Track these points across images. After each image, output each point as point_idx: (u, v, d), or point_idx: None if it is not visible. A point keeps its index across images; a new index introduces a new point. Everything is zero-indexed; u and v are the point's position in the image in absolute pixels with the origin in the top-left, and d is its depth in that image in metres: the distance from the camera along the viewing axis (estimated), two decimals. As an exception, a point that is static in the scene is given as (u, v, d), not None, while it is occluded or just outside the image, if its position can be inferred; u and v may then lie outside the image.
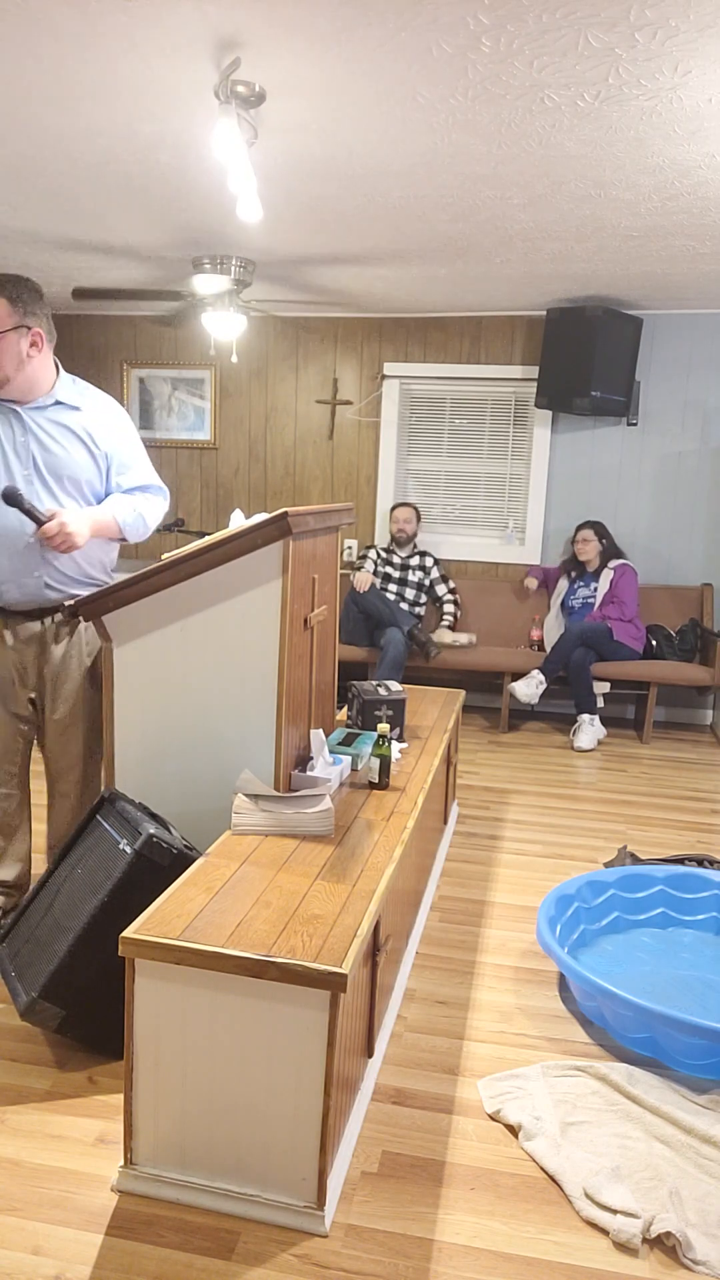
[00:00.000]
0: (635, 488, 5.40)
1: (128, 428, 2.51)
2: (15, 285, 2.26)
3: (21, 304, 2.26)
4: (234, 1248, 1.61)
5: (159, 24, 2.16)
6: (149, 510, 2.49)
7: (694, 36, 2.12)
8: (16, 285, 2.27)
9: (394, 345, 5.57)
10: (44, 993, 1.97)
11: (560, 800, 4.07)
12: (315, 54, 2.28)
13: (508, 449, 5.58)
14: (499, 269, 4.35)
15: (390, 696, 2.82)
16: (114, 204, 3.58)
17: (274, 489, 5.88)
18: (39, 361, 2.33)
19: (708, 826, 3.81)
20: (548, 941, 2.40)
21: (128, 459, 2.48)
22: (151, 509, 2.51)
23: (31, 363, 2.30)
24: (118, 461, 2.46)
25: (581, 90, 2.42)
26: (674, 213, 3.41)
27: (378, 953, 1.97)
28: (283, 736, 2.26)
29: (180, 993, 1.65)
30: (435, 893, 3.07)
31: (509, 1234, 1.68)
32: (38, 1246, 1.60)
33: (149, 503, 2.50)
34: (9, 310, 2.25)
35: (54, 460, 2.36)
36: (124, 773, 2.38)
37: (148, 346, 5.87)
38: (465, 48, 2.21)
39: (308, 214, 3.61)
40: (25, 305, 2.27)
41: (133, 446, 2.51)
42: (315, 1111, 1.63)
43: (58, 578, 2.40)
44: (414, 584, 5.35)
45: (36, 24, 2.19)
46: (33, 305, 2.29)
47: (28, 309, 2.27)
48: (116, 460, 2.46)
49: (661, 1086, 2.08)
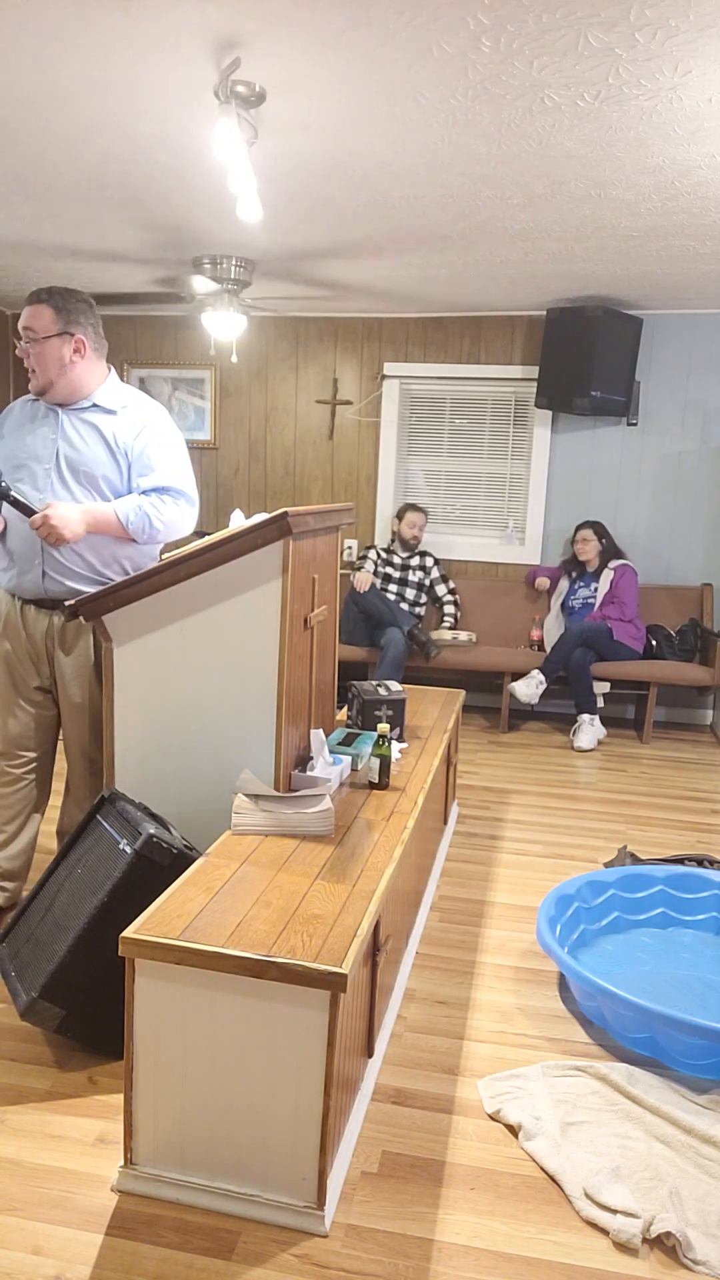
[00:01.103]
0: (635, 488, 5.40)
1: (161, 433, 2.50)
2: (62, 296, 2.41)
3: (66, 312, 2.39)
4: (234, 1248, 1.61)
5: (159, 24, 2.16)
6: (160, 511, 2.46)
7: (694, 36, 2.12)
8: (64, 296, 2.41)
9: (394, 345, 5.57)
10: (44, 993, 1.97)
11: (560, 800, 4.07)
12: (315, 54, 2.28)
13: (508, 449, 5.58)
14: (499, 269, 4.35)
15: (390, 696, 2.82)
16: (114, 204, 3.58)
17: (274, 489, 5.88)
18: (83, 368, 2.43)
19: (708, 826, 3.81)
20: (548, 941, 2.40)
21: (153, 462, 2.47)
22: (164, 511, 2.46)
23: (75, 368, 2.42)
24: (140, 463, 2.47)
25: (581, 90, 2.42)
26: (674, 213, 3.41)
27: (378, 953, 1.97)
28: (283, 736, 2.26)
29: (180, 993, 1.65)
30: (435, 893, 3.07)
31: (509, 1234, 1.68)
32: (38, 1246, 1.60)
33: (162, 504, 2.47)
34: (53, 318, 2.38)
35: (75, 456, 2.43)
36: (124, 773, 2.38)
37: (148, 346, 5.88)
38: (465, 48, 2.21)
39: (307, 214, 3.61)
40: (70, 314, 2.39)
41: (161, 451, 2.49)
42: (315, 1111, 1.63)
43: (57, 569, 2.44)
44: (414, 584, 5.35)
45: (36, 24, 2.19)
46: (77, 315, 2.41)
47: (71, 318, 2.40)
48: (139, 462, 2.47)
49: (661, 1086, 2.08)
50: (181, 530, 2.54)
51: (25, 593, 2.49)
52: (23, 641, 2.52)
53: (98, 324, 2.46)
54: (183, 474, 2.53)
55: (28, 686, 2.56)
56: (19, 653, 2.53)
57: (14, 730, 2.57)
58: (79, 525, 2.34)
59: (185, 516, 2.53)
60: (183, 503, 2.52)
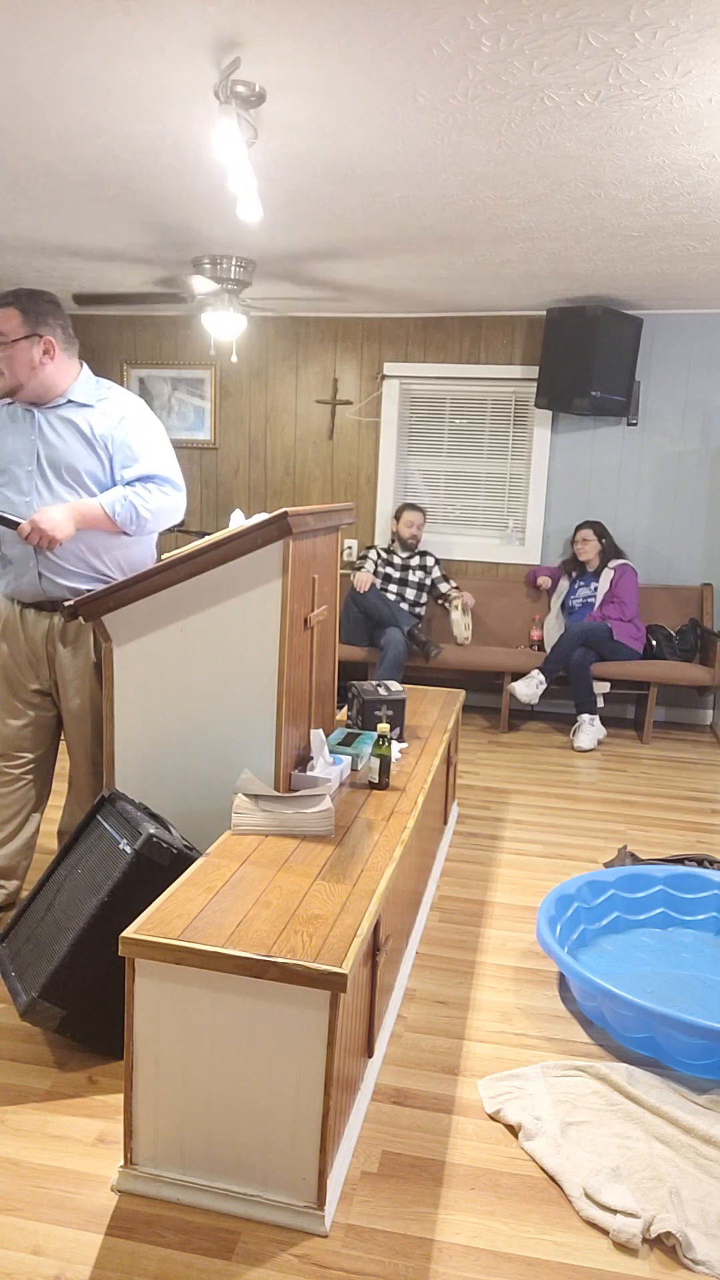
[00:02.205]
0: (635, 488, 5.40)
1: (139, 422, 2.49)
2: (29, 297, 2.39)
3: (34, 314, 2.37)
4: (234, 1248, 1.61)
5: (159, 24, 2.16)
6: (146, 500, 2.44)
7: (694, 36, 2.12)
8: (30, 298, 2.39)
9: (394, 345, 5.57)
10: (44, 993, 1.97)
11: (560, 800, 4.07)
12: (315, 54, 2.28)
13: (508, 449, 5.58)
14: (499, 269, 4.35)
15: (390, 696, 2.82)
16: (114, 204, 3.58)
17: (274, 489, 5.88)
18: (53, 368, 2.42)
19: (708, 826, 3.81)
20: (548, 941, 2.40)
21: (135, 451, 2.46)
22: (150, 499, 2.45)
23: (45, 369, 2.40)
24: (122, 454, 2.45)
25: (581, 90, 2.42)
26: (674, 213, 3.41)
27: (378, 953, 1.97)
28: (283, 736, 2.26)
29: (180, 993, 1.65)
30: (435, 893, 3.07)
31: (509, 1234, 1.68)
32: (38, 1246, 1.60)
33: (148, 493, 2.45)
34: (20, 321, 2.36)
35: (54, 454, 2.43)
36: (124, 773, 2.38)
37: (148, 346, 5.88)
38: (465, 48, 2.21)
39: (307, 214, 3.61)
40: (37, 315, 2.38)
41: (142, 439, 2.47)
42: (315, 1111, 1.63)
43: (52, 570, 2.44)
44: (414, 584, 5.35)
45: (37, 24, 2.19)
46: (45, 316, 2.39)
47: (39, 319, 2.38)
48: (121, 453, 2.45)
49: (661, 1086, 2.08)
50: (170, 517, 2.52)
51: (24, 596, 2.49)
52: (21, 645, 2.52)
53: (66, 323, 2.45)
54: (166, 461, 2.51)
55: (25, 689, 2.56)
56: (17, 657, 2.53)
57: (10, 732, 2.57)
58: (67, 524, 2.34)
59: (172, 503, 2.51)
60: (168, 489, 2.50)
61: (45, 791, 2.68)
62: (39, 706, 2.58)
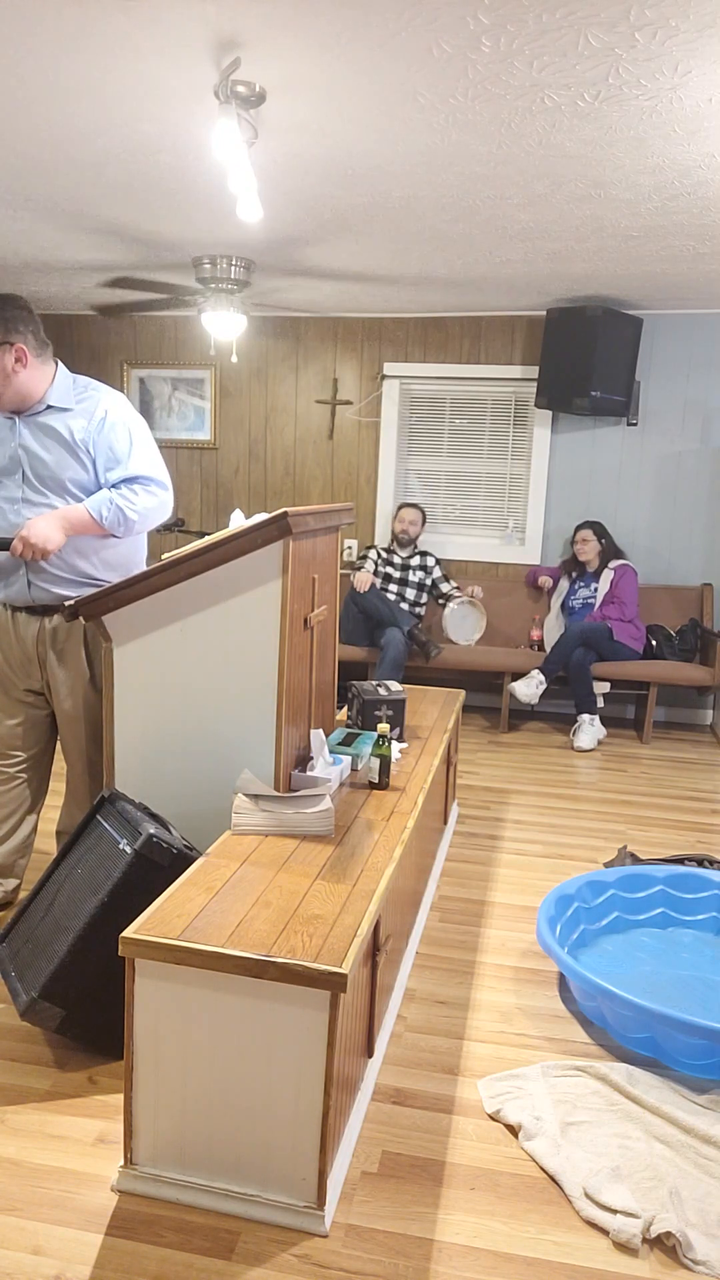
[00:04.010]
0: (635, 488, 5.40)
1: (120, 421, 2.46)
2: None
3: (3, 322, 2.33)
4: (234, 1248, 1.61)
5: (159, 24, 2.16)
6: (132, 502, 2.43)
7: (694, 36, 2.12)
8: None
9: (394, 345, 5.57)
10: (44, 993, 1.97)
11: (560, 800, 4.07)
12: (315, 54, 2.28)
13: (508, 449, 5.58)
14: (499, 269, 4.35)
15: (390, 696, 2.82)
16: (114, 203, 3.58)
17: (274, 489, 5.88)
18: (26, 375, 2.38)
19: (708, 826, 3.81)
20: (548, 941, 2.40)
21: (117, 453, 2.44)
22: (136, 501, 2.43)
23: (18, 377, 2.37)
24: (105, 456, 2.44)
25: (581, 90, 2.42)
26: (674, 213, 3.41)
27: (378, 953, 1.97)
28: (283, 736, 2.26)
29: (180, 993, 1.65)
30: (435, 893, 3.07)
31: (509, 1234, 1.68)
32: (38, 1246, 1.61)
33: (134, 494, 2.44)
34: None
35: (37, 463, 2.42)
36: (124, 773, 2.38)
37: (148, 346, 5.88)
38: (465, 48, 2.21)
39: (307, 214, 3.61)
40: (6, 323, 2.33)
41: (124, 440, 2.45)
42: (315, 1111, 1.63)
43: (42, 577, 2.45)
44: (414, 584, 5.35)
45: (36, 24, 2.19)
46: (15, 323, 2.35)
47: (10, 326, 2.33)
48: (103, 455, 2.44)
49: (661, 1086, 2.08)
50: (158, 516, 2.51)
51: (14, 601, 2.50)
52: (13, 646, 2.52)
53: (38, 327, 2.41)
54: (149, 460, 2.49)
55: (17, 689, 2.56)
56: (9, 658, 2.53)
57: (4, 731, 2.58)
58: (57, 534, 2.34)
59: (159, 502, 2.50)
60: (154, 489, 2.48)
61: (42, 791, 2.68)
62: (33, 705, 2.58)
